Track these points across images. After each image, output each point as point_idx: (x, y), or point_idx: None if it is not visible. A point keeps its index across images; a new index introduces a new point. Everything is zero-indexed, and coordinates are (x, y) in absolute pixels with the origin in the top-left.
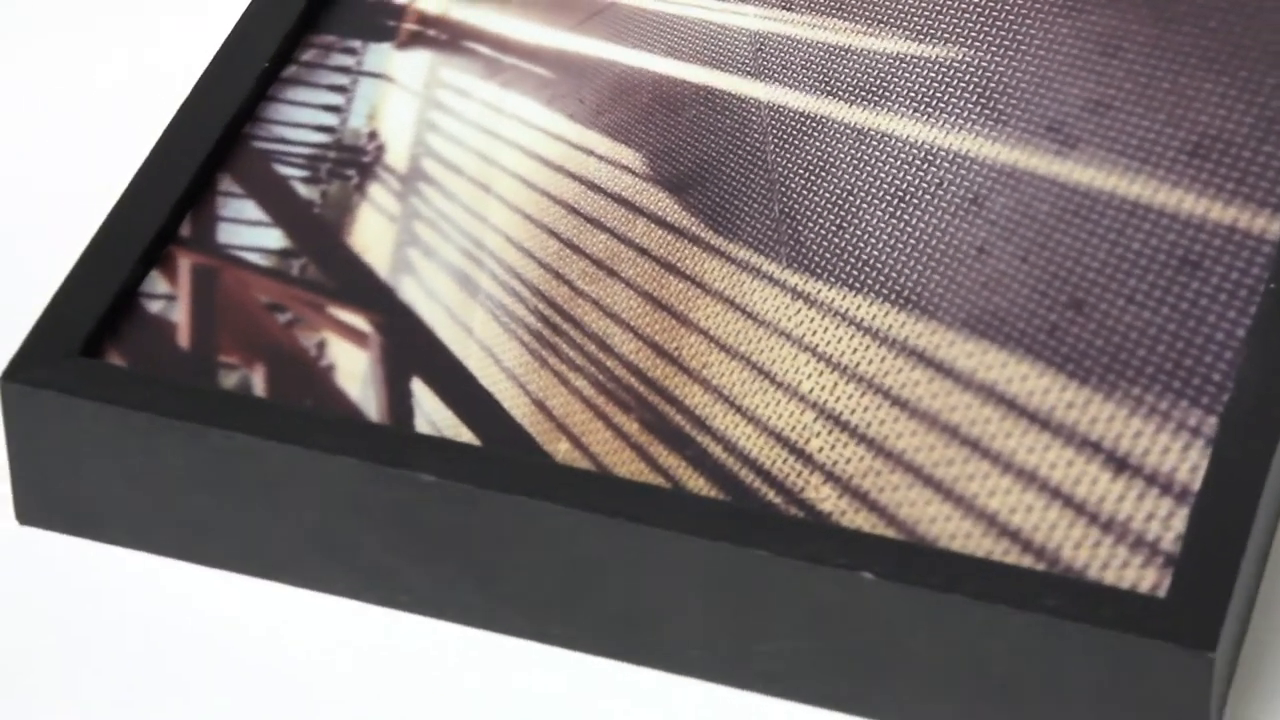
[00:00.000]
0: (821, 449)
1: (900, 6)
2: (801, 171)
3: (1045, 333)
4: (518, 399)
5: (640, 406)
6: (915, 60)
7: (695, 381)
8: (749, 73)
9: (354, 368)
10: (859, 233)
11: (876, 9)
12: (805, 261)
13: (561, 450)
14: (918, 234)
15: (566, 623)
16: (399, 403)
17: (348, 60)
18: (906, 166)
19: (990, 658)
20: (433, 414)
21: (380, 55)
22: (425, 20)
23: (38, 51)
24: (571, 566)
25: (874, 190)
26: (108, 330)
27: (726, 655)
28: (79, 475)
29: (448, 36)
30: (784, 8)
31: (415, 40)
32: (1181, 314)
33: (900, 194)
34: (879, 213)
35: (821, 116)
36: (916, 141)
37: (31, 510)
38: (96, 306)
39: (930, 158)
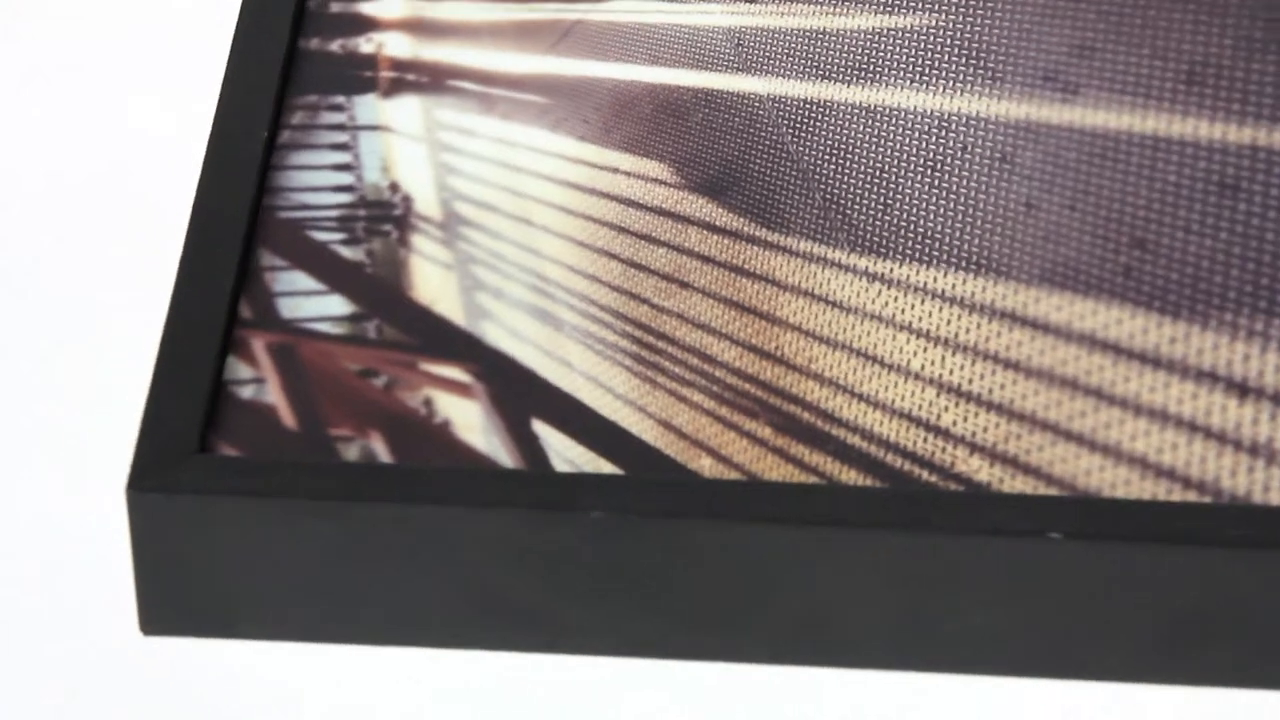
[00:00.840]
0: (955, 422)
1: None
2: (827, 157)
3: (1121, 275)
4: (642, 423)
5: (765, 410)
6: (893, 33)
7: (808, 377)
8: (739, 69)
9: (469, 419)
10: (906, 207)
11: None
12: (866, 243)
13: (706, 466)
14: (962, 199)
15: (745, 636)
16: (528, 446)
17: (339, 117)
18: (926, 136)
19: (1181, 599)
20: (565, 452)
21: (369, 107)
22: (399, 65)
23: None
24: (744, 579)
25: (904, 164)
26: (211, 424)
27: (912, 641)
28: (212, 573)
29: (429, 78)
30: (748, 0)
31: (398, 87)
32: (1240, 235)
33: (931, 163)
34: (917, 185)
35: (826, 101)
36: (926, 111)
37: (158, 618)
38: (194, 402)
39: (945, 124)
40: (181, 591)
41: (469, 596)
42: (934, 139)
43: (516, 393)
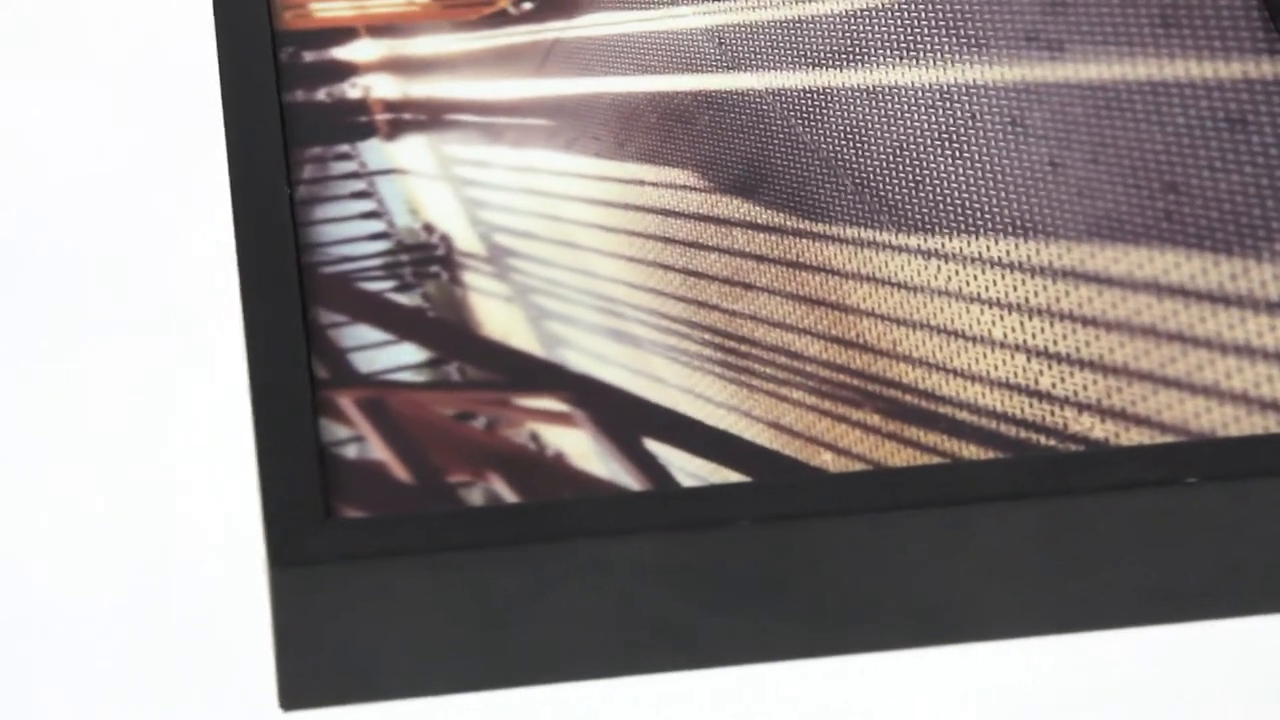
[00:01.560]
0: (1054, 385)
1: None
2: (844, 142)
3: (1163, 219)
4: (751, 427)
5: (867, 398)
6: (868, 13)
7: (897, 360)
8: (729, 67)
9: (581, 448)
10: (936, 181)
11: None
12: (909, 222)
13: (828, 461)
14: (987, 166)
15: (889, 623)
16: (650, 466)
17: (349, 165)
18: (933, 110)
19: None
20: (685, 466)
21: (376, 151)
22: (392, 106)
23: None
24: (883, 567)
25: (920, 140)
26: (328, 490)
27: (1054, 605)
28: (354, 637)
29: (426, 115)
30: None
31: (399, 128)
32: (1264, 167)
33: (946, 136)
34: (940, 158)
35: (824, 88)
36: (924, 86)
37: (299, 692)
38: (306, 470)
39: (947, 96)
40: (322, 660)
41: (615, 623)
42: (941, 112)
43: (618, 415)
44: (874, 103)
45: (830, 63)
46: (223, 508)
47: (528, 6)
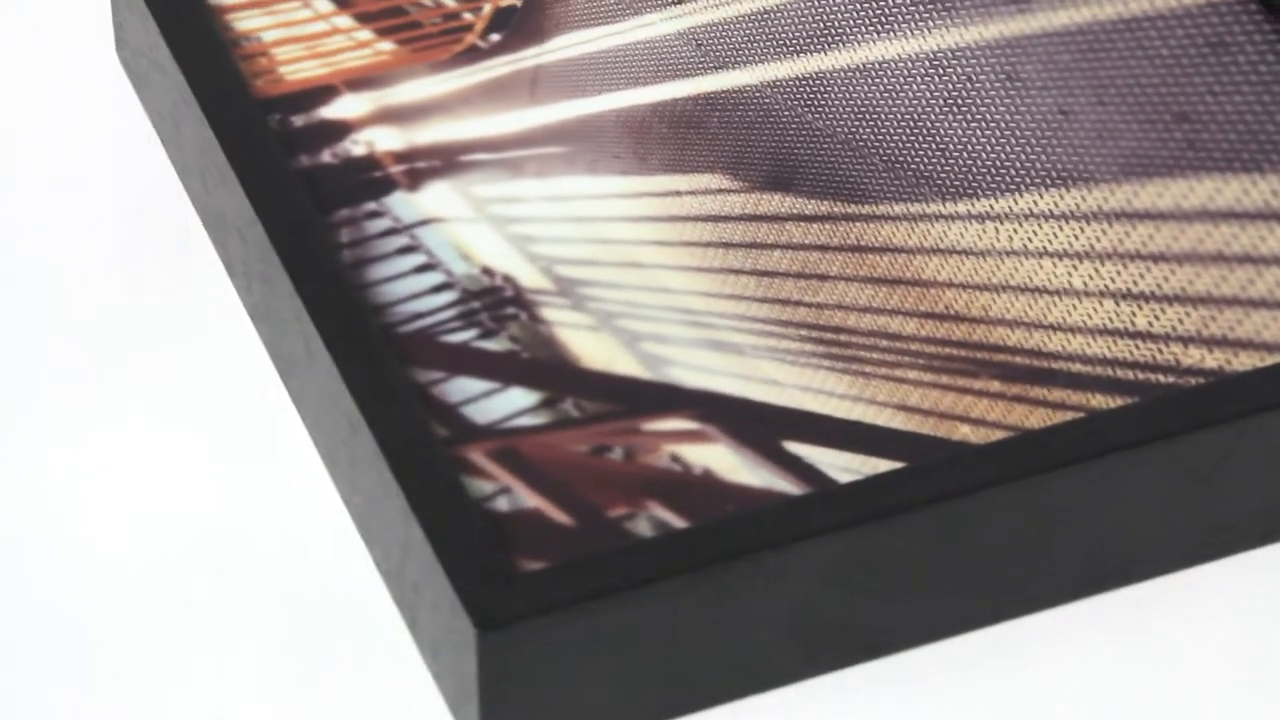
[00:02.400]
0: (1151, 324)
1: None
2: (856, 122)
3: (1188, 149)
4: (881, 414)
5: (981, 366)
6: None
7: (995, 325)
8: (716, 67)
9: (727, 462)
10: (961, 147)
11: None
12: (951, 189)
13: (968, 433)
14: (1001, 124)
15: (1049, 580)
16: (799, 468)
17: (384, 222)
18: (928, 78)
19: None
20: (835, 462)
21: (405, 204)
22: (402, 157)
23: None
24: (1037, 528)
25: (928, 109)
26: (502, 546)
27: (1203, 538)
28: (559, 688)
29: (440, 161)
30: (676, 3)
31: (418, 177)
32: (1255, 87)
33: (951, 101)
34: (954, 124)
35: (815, 73)
36: (909, 57)
37: None
38: (474, 530)
39: (936, 63)
40: (530, 715)
41: (798, 628)
42: (937, 79)
43: (750, 423)
44: (870, 80)
45: (812, 48)
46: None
47: (496, 38)
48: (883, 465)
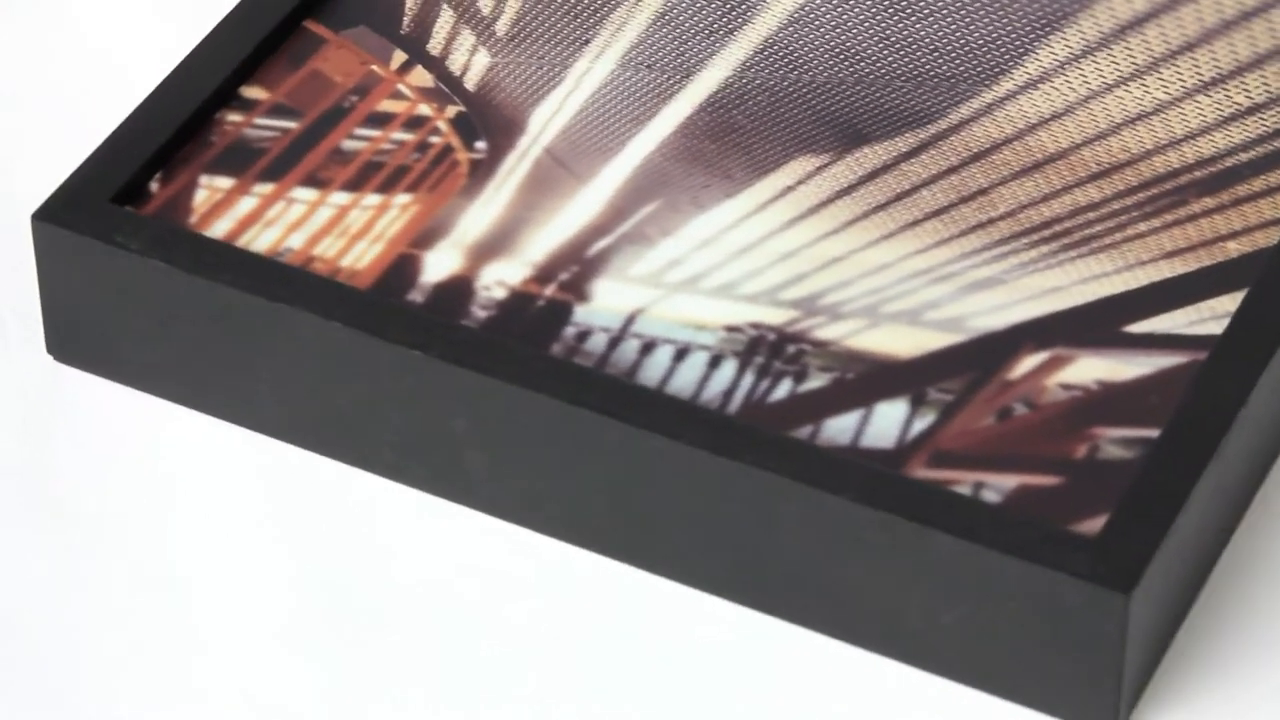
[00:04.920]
0: (1249, 97)
1: None
2: (855, 64)
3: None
4: (1162, 268)
5: (1180, 193)
6: None
7: (1153, 155)
8: (684, 76)
9: (1104, 366)
10: (969, 35)
11: None
12: (997, 69)
13: (1236, 248)
14: (981, 20)
15: None
16: (1162, 340)
17: (600, 338)
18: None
19: None
20: (1183, 320)
21: (594, 314)
22: (541, 280)
23: None
24: None
25: (903, 24)
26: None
27: None
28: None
29: (576, 266)
30: (585, 42)
31: (573, 289)
32: None
33: (917, 6)
34: (934, 29)
35: (770, 39)
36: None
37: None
38: (1033, 532)
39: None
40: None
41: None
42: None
43: (1085, 329)
44: (821, 23)
45: (739, 21)
46: None
47: (482, 146)
48: (1226, 302)
